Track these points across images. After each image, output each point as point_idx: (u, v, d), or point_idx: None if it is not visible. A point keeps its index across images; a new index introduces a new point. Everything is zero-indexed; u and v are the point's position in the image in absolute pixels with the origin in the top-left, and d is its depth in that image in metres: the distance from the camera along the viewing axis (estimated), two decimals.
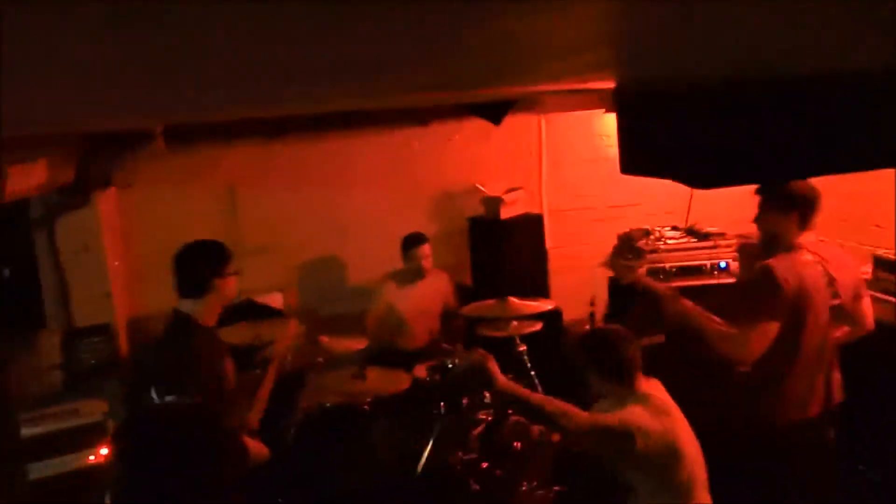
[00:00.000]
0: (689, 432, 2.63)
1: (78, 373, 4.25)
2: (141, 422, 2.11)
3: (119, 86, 1.36)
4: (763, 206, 3.14)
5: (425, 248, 4.71)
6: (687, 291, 4.20)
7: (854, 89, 1.88)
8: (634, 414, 2.54)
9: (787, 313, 2.92)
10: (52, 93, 1.39)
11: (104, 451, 3.39)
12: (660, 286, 3.44)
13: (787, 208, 3.05)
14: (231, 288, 2.99)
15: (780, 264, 2.98)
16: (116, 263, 4.68)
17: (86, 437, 3.46)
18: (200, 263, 2.93)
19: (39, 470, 3.27)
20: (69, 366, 4.27)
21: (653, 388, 2.73)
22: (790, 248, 3.04)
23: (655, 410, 2.57)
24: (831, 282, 3.06)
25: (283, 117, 4.63)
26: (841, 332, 3.22)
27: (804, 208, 3.04)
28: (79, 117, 2.29)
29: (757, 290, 3.01)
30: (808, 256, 3.04)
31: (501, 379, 2.62)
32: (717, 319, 3.03)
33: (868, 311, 3.25)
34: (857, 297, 3.19)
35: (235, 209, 5.24)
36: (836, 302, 3.08)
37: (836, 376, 3.18)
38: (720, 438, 2.97)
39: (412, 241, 4.73)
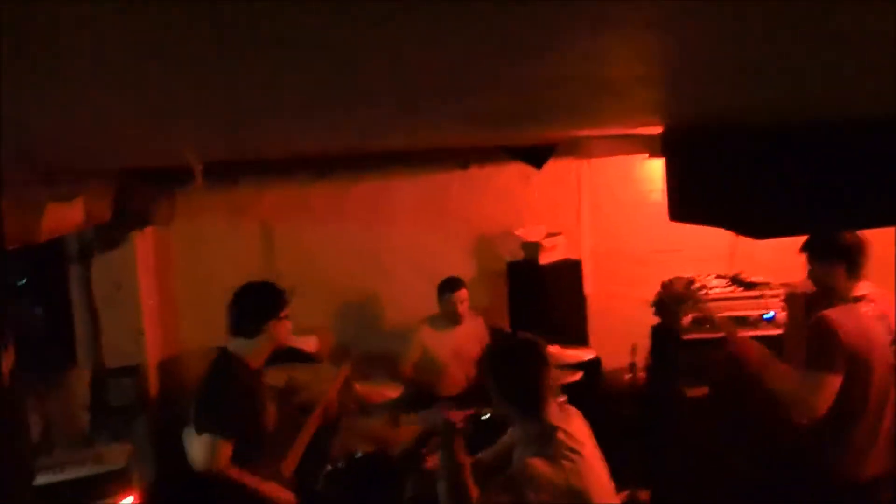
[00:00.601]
0: (599, 473, 2.36)
1: (106, 414, 4.20)
2: None
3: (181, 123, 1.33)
4: (811, 260, 3.11)
5: (462, 294, 4.65)
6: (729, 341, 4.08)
7: None
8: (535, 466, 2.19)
9: (847, 365, 2.81)
10: (96, 131, 1.36)
11: (128, 500, 3.31)
12: (722, 319, 3.41)
13: (833, 259, 3.00)
14: (284, 332, 2.96)
15: (835, 315, 2.90)
16: (151, 302, 4.67)
17: (108, 485, 3.38)
18: (258, 304, 2.91)
19: None
20: (97, 407, 4.23)
21: (568, 418, 2.41)
22: (847, 299, 2.97)
23: (560, 450, 2.22)
24: (892, 332, 2.95)
25: (322, 157, 4.63)
26: None
27: (851, 258, 2.98)
28: (125, 154, 2.29)
29: (814, 341, 2.92)
30: (867, 308, 2.95)
31: (459, 456, 2.35)
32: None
33: None
34: None
35: (273, 248, 5.23)
36: None
37: None
38: (770, 495, 2.82)
39: (448, 287, 4.67)
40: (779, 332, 4.38)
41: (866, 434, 2.91)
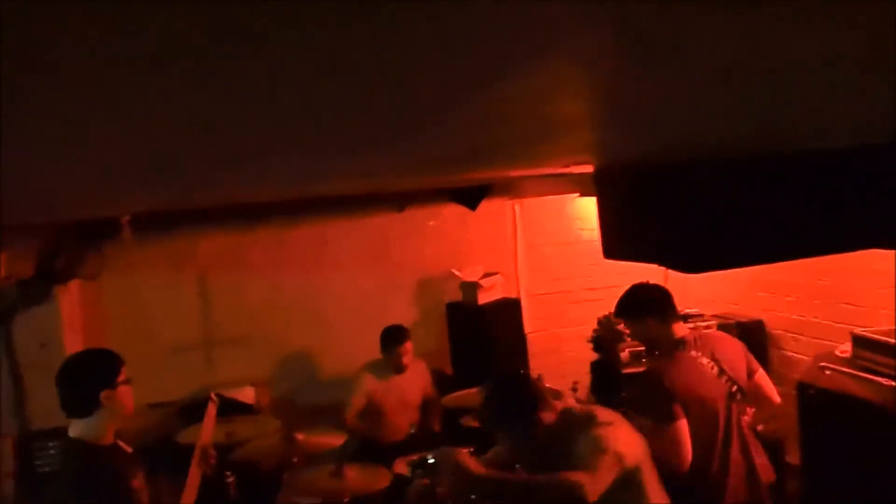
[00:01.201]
0: None
1: (31, 481, 3.96)
2: None
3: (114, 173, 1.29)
4: (625, 321, 3.26)
5: (406, 346, 4.63)
6: None
7: (834, 171, 1.87)
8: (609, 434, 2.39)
9: (686, 409, 2.85)
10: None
11: None
12: None
13: (642, 314, 3.10)
14: (125, 399, 2.65)
15: (660, 365, 3.00)
16: None
17: None
18: (84, 378, 2.60)
19: None
20: (22, 474, 3.98)
21: None
22: (673, 346, 3.03)
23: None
24: (721, 371, 3.02)
25: (257, 204, 4.57)
26: (748, 415, 3.16)
27: (657, 308, 3.08)
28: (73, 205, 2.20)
29: (646, 396, 3.00)
30: (691, 352, 3.01)
31: (476, 468, 2.40)
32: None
33: (766, 384, 3.19)
34: (750, 374, 3.13)
35: (210, 300, 5.11)
36: (734, 389, 3.03)
37: (762, 461, 3.10)
38: None
39: (392, 339, 4.62)
40: None
41: (719, 470, 2.95)
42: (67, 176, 1.34)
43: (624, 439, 2.41)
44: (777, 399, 3.22)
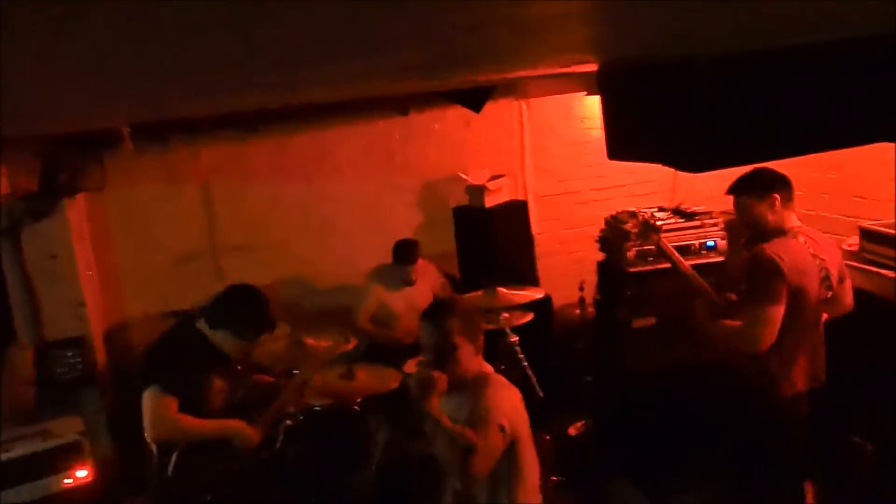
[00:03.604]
0: None
1: (53, 389, 4.10)
2: None
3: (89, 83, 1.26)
4: (737, 200, 3.16)
5: (417, 266, 4.67)
6: (674, 272, 4.18)
7: (840, 64, 1.81)
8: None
9: (788, 296, 2.88)
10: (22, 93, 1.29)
11: (82, 472, 3.26)
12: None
13: (760, 195, 3.05)
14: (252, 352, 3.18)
15: (772, 248, 2.95)
16: (89, 272, 4.54)
17: (61, 459, 3.32)
18: (249, 316, 3.01)
19: (9, 498, 3.13)
20: (43, 382, 4.12)
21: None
22: (780, 233, 3.03)
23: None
24: (822, 266, 3.04)
25: (257, 111, 4.50)
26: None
27: (776, 191, 3.05)
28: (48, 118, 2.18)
29: (754, 275, 2.97)
30: (800, 240, 3.03)
31: (435, 408, 2.32)
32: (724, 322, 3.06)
33: (850, 294, 3.23)
34: (841, 280, 3.17)
35: (213, 209, 5.12)
36: (827, 291, 3.06)
37: (822, 360, 3.17)
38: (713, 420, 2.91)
39: (403, 258, 4.64)
40: (720, 259, 4.51)
41: (792, 358, 3.02)
42: (65, 86, 1.31)
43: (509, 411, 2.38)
44: (851, 305, 3.23)
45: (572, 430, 4.70)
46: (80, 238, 4.49)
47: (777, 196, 3.04)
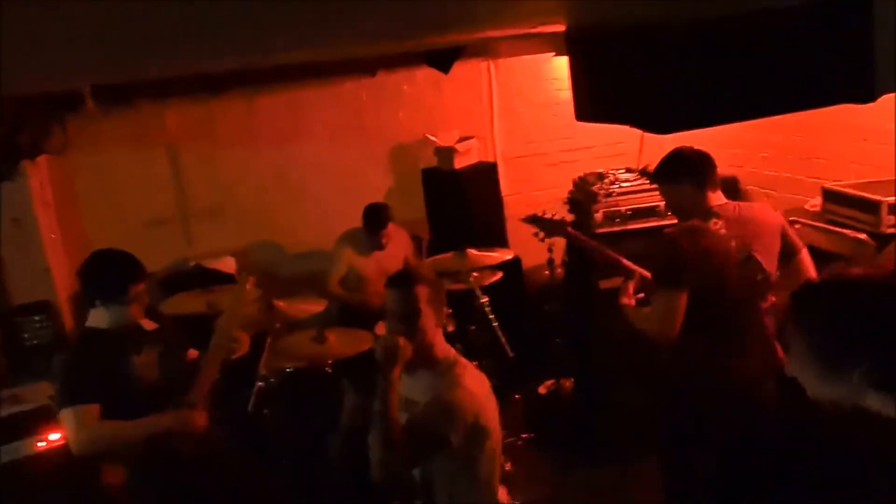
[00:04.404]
0: None
1: (21, 354, 4.06)
2: None
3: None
4: (659, 183, 3.10)
5: (388, 231, 4.64)
6: (641, 233, 4.23)
7: (806, 27, 1.83)
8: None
9: (697, 282, 2.75)
10: None
11: (55, 435, 3.26)
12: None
13: (677, 178, 2.97)
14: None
15: (677, 231, 2.88)
16: (53, 236, 4.46)
17: (32, 423, 3.32)
18: (119, 269, 2.78)
19: None
20: (10, 347, 4.08)
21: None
22: (700, 214, 2.91)
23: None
24: (744, 249, 2.90)
25: (223, 72, 4.42)
26: (767, 302, 3.01)
27: (685, 176, 2.95)
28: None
29: (656, 259, 2.90)
30: (718, 224, 2.89)
31: (394, 378, 2.25)
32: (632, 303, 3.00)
33: (808, 265, 3.03)
34: (790, 255, 3.02)
35: (179, 171, 5.05)
36: (760, 276, 2.92)
37: (770, 345, 2.94)
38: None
39: (373, 223, 4.60)
40: None
41: (735, 344, 2.83)
42: (24, 46, 1.28)
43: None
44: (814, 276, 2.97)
45: (542, 390, 4.79)
46: (43, 202, 4.41)
47: (686, 181, 2.93)
